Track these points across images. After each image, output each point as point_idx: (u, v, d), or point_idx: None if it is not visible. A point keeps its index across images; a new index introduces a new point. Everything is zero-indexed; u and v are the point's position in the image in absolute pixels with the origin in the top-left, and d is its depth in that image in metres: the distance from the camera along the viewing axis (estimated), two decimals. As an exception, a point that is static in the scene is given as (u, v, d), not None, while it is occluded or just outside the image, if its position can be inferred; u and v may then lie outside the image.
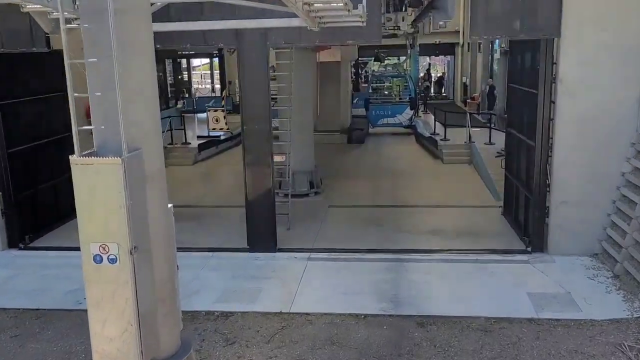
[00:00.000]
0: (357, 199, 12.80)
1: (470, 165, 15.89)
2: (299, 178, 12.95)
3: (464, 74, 30.48)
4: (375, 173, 15.54)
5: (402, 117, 21.34)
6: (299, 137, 12.76)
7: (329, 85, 20.78)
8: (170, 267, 4.81)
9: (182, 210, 12.96)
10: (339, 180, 14.70)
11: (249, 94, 8.95)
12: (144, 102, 4.37)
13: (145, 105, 4.40)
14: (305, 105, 12.92)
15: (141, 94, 4.34)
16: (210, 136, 19.09)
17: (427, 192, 13.30)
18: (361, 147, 19.53)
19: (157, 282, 4.57)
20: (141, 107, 4.35)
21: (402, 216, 11.44)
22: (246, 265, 8.98)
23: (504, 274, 8.34)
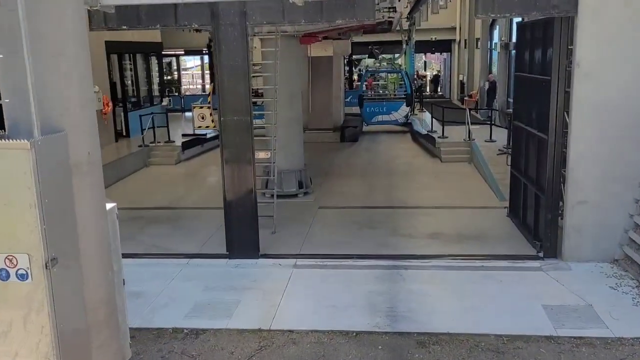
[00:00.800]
0: (350, 200, 11.83)
1: (470, 163, 14.95)
2: (286, 177, 11.97)
3: (461, 71, 29.59)
4: (370, 172, 14.58)
5: (398, 115, 20.38)
6: (287, 134, 11.79)
7: (321, 82, 19.84)
8: (108, 283, 3.81)
9: (158, 213, 12.04)
10: (330, 180, 13.72)
11: (227, 81, 7.96)
12: (66, 68, 3.38)
13: (68, 73, 3.40)
14: (293, 99, 11.94)
15: (62, 56, 3.34)
16: (195, 134, 18.06)
17: (425, 192, 12.34)
18: (355, 146, 18.56)
19: (89, 303, 3.58)
20: (62, 75, 3.36)
21: (399, 218, 10.48)
22: (224, 274, 7.98)
23: (514, 283, 7.37)
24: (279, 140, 11.39)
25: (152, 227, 10.37)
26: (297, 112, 12.08)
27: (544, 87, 8.04)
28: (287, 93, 11.58)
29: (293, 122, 11.94)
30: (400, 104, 20.38)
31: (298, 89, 12.28)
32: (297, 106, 12.08)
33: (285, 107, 11.54)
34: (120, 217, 5.94)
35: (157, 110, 20.64)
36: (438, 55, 35.75)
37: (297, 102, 12.11)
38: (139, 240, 9.55)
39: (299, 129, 12.23)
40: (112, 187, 13.65)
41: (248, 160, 8.16)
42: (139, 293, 7.33)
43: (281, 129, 11.48)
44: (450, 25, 29.99)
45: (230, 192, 8.27)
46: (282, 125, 11.48)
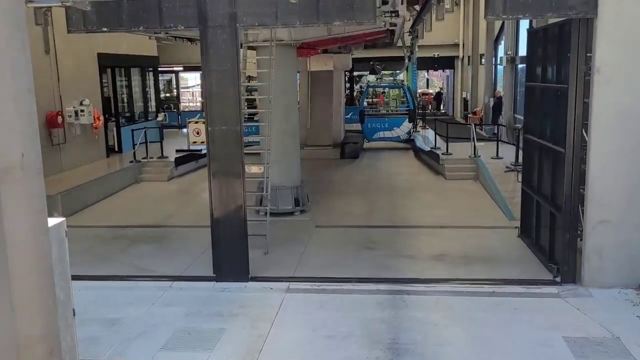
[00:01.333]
0: (349, 219, 11.15)
1: (476, 181, 14.30)
2: (282, 194, 11.32)
3: (464, 88, 29.11)
4: (370, 190, 13.92)
5: (400, 131, 19.79)
6: (282, 148, 11.18)
7: (320, 96, 19.33)
8: (48, 315, 3.13)
9: (144, 231, 11.32)
10: (329, 197, 13.06)
11: (215, 88, 7.36)
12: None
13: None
14: (289, 111, 11.34)
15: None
16: (190, 150, 17.46)
17: (429, 210, 11.66)
18: (355, 163, 17.94)
19: (22, 340, 2.90)
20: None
21: (401, 238, 9.80)
22: (209, 299, 7.28)
23: (530, 311, 6.66)
24: (274, 155, 10.78)
25: (135, 246, 9.70)
26: (293, 125, 11.48)
27: (559, 96, 7.42)
28: (283, 105, 10.98)
29: (289, 136, 11.32)
30: (403, 120, 19.81)
31: (294, 101, 11.70)
32: (293, 119, 11.49)
33: (280, 120, 10.95)
34: (103, 236, 5.42)
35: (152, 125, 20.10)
36: (441, 72, 35.36)
37: (294, 114, 11.52)
38: (119, 261, 8.88)
39: (295, 143, 11.62)
40: (99, 204, 13.02)
41: (237, 174, 7.52)
42: (114, 320, 6.64)
43: (276, 143, 10.88)
44: (453, 41, 29.61)
45: (218, 208, 7.61)
46: (277, 138, 10.88)
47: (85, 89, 15.47)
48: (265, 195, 9.46)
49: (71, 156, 14.68)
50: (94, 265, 8.71)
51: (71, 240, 10.33)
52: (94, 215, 12.17)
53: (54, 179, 13.32)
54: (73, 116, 14.71)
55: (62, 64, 14.29)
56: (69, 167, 14.47)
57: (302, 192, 11.65)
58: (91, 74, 16.04)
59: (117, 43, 16.99)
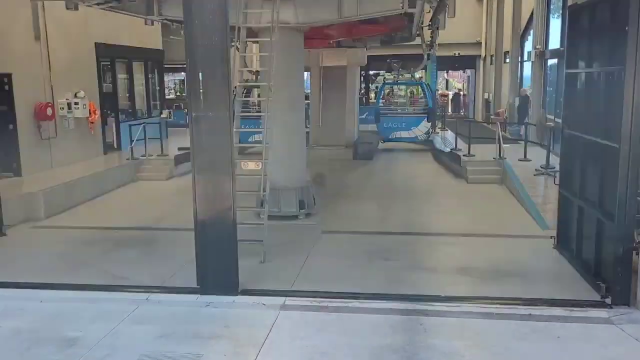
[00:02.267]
0: (360, 224, 10.02)
1: (501, 185, 13.07)
2: (285, 195, 10.21)
3: (487, 89, 27.83)
4: (385, 193, 12.77)
5: (418, 131, 18.61)
6: (286, 143, 10.10)
7: (333, 94, 18.23)
8: None
9: (131, 234, 10.18)
10: (339, 201, 11.93)
11: (200, 65, 6.28)
12: None
13: None
14: (295, 103, 10.24)
15: None
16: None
17: (450, 216, 10.48)
18: (369, 164, 16.78)
19: None
20: None
21: (419, 248, 8.64)
22: (189, 316, 6.19)
23: (577, 341, 5.46)
24: (276, 152, 9.71)
25: (119, 250, 8.67)
26: (299, 119, 10.37)
27: (611, 81, 6.23)
28: (287, 96, 9.91)
29: (294, 131, 10.23)
30: (421, 120, 18.63)
31: (301, 92, 10.59)
32: (299, 112, 10.38)
33: (284, 112, 9.87)
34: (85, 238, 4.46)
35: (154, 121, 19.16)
36: (461, 73, 34.08)
37: (300, 107, 10.41)
38: (96, 268, 7.83)
39: (301, 139, 10.51)
40: (88, 203, 12.06)
41: (226, 169, 6.43)
42: (73, 340, 5.58)
43: (279, 138, 9.81)
44: (474, 40, 28.38)
45: (203, 210, 6.51)
46: (280, 133, 9.81)
47: (81, 81, 14.56)
48: (263, 196, 8.35)
49: (63, 152, 13.75)
50: (67, 272, 7.70)
51: (48, 243, 9.31)
52: (81, 215, 11.18)
53: (42, 175, 12.42)
54: (66, 108, 13.80)
55: (55, 51, 13.38)
56: (61, 164, 13.53)
57: (308, 193, 10.53)
58: (88, 64, 15.12)
59: (118, 33, 16.06)
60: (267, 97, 8.25)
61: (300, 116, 10.44)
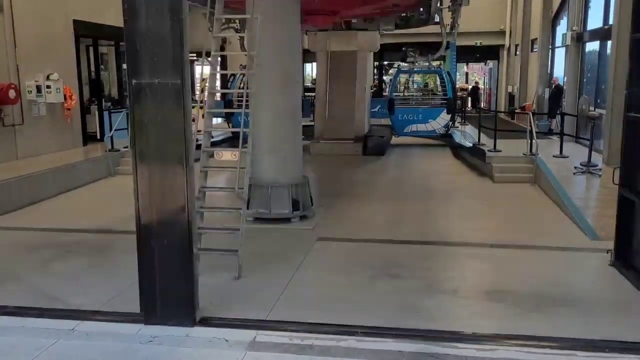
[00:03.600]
0: (365, 230, 8.35)
1: (533, 185, 11.31)
2: (276, 194, 8.59)
3: (510, 81, 25.97)
4: (397, 193, 11.10)
5: (437, 124, 16.89)
6: (277, 131, 8.52)
7: (341, 82, 16.57)
8: None
9: (86, 238, 8.32)
10: (343, 201, 10.27)
11: (144, 19, 4.66)
12: None
13: None
14: (288, 82, 8.60)
15: None
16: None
17: (474, 222, 8.76)
18: (380, 160, 15.09)
19: None
20: None
21: (437, 262, 6.97)
22: (122, 357, 4.57)
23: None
24: (265, 141, 8.13)
25: (63, 260, 7.09)
26: (293, 101, 8.72)
27: None
28: (279, 72, 8.31)
29: (286, 115, 8.59)
30: (440, 111, 16.89)
31: (296, 70, 8.92)
32: (293, 93, 8.73)
33: (274, 93, 8.28)
34: (29, 242, 2.90)
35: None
36: (482, 65, 32.21)
37: (294, 87, 8.75)
38: (25, 284, 6.26)
39: (295, 125, 8.86)
40: (51, 200, 10.51)
41: (177, 157, 4.80)
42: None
43: (269, 124, 8.23)
44: (498, 28, 26.54)
45: (146, 211, 4.90)
46: (269, 118, 8.23)
47: (55, 62, 13.02)
48: (238, 193, 6.73)
49: (31, 141, 12.24)
50: (-14, 287, 6.14)
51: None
52: (36, 214, 9.64)
53: (1, 167, 10.92)
54: (34, 92, 12.30)
55: (21, 26, 11.87)
56: (28, 154, 12.05)
57: (303, 191, 8.89)
58: (64, 44, 13.58)
59: (101, 11, 14.51)
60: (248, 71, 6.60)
61: (295, 98, 8.79)
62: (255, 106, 8.45)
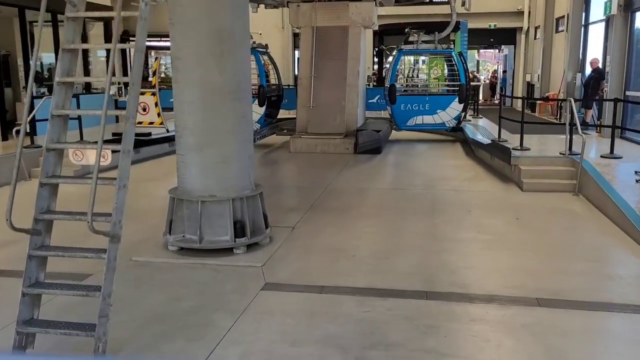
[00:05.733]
0: (340, 268, 5.66)
1: (577, 195, 8.61)
2: (210, 212, 5.94)
3: (529, 69, 23.19)
4: (393, 206, 8.36)
5: (446, 115, 14.19)
6: (209, 118, 5.85)
7: (330, 65, 13.90)
8: None
9: None
10: (318, 217, 7.60)
11: None
12: None
13: None
14: (225, 46, 5.87)
15: None
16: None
17: (503, 257, 6.04)
18: (375, 160, 12.37)
19: None
20: None
21: (449, 338, 4.26)
22: None
23: None
24: (191, 135, 5.50)
25: None
26: (235, 75, 5.98)
27: None
28: (208, 31, 5.65)
29: (225, 97, 5.88)
30: (451, 100, 14.17)
31: (238, 26, 6.11)
32: (235, 63, 5.98)
33: (204, 62, 5.64)
34: None
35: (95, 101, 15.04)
36: (495, 52, 29.37)
37: (236, 54, 5.99)
38: None
39: (239, 111, 6.10)
40: None
41: None
42: None
43: (196, 109, 5.60)
44: (515, 8, 23.72)
45: None
46: (197, 100, 5.60)
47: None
48: (91, 226, 4.06)
49: None
50: None
51: None
52: None
53: None
54: None
55: None
56: None
57: (253, 208, 6.21)
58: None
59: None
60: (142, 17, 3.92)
61: (239, 72, 6.05)
62: (178, 81, 5.80)
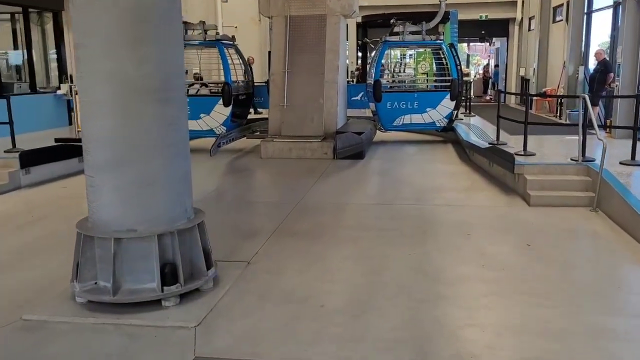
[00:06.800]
0: (304, 332, 4.20)
1: (595, 211, 7.26)
2: (129, 253, 4.48)
3: (523, 63, 21.96)
4: (375, 228, 6.91)
5: (437, 114, 12.82)
6: (126, 125, 4.39)
7: (305, 59, 12.45)
8: None
9: None
10: (282, 247, 6.17)
11: None
12: None
13: None
14: (144, 27, 4.41)
15: None
16: (75, 139, 10.79)
17: (518, 310, 4.62)
18: (357, 166, 10.95)
19: None
20: None
21: None
22: None
23: None
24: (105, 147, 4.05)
25: None
26: (157, 69, 4.48)
27: None
28: (121, 8, 4.19)
29: (144, 97, 4.41)
30: (442, 97, 12.79)
31: (161, 1, 4.64)
32: (156, 52, 4.47)
33: (114, 51, 4.17)
34: None
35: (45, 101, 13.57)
36: (486, 46, 28.12)
37: (157, 39, 4.49)
38: None
39: (163, 114, 4.60)
40: None
41: None
42: None
43: (108, 113, 4.16)
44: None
45: None
46: (109, 101, 4.13)
47: None
48: None
49: None
50: None
51: None
52: None
53: None
54: None
55: None
56: None
57: (189, 245, 4.75)
58: None
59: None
60: None
61: (167, 63, 4.57)
62: (83, 76, 4.36)
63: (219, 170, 10.76)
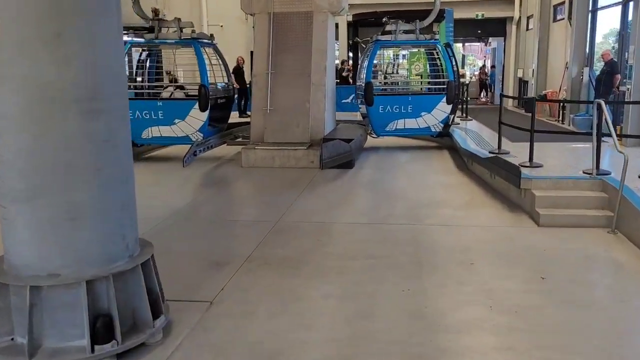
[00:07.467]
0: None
1: (614, 233, 6.42)
2: (52, 304, 3.57)
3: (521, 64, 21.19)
4: (366, 257, 6.00)
5: (432, 118, 11.99)
6: (43, 145, 3.45)
7: (290, 59, 11.58)
8: None
9: None
10: (254, 280, 5.28)
11: None
12: None
13: None
14: (63, 24, 3.52)
15: None
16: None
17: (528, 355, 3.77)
18: (345, 177, 10.07)
19: None
20: None
21: None
22: None
23: None
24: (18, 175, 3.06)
25: None
26: (82, 73, 3.58)
27: None
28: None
29: (66, 107, 3.51)
30: (437, 100, 11.95)
31: None
32: (80, 52, 3.58)
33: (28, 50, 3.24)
34: None
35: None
36: (482, 46, 27.34)
37: (81, 35, 3.58)
38: None
39: (92, 129, 3.69)
40: None
41: None
42: None
43: (21, 128, 3.23)
44: (506, -5, 21.72)
45: None
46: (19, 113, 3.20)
47: None
48: None
49: None
50: None
51: None
52: None
53: None
54: None
55: None
56: None
57: (130, 291, 3.85)
58: None
59: None
60: None
61: (97, 65, 3.67)
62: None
63: (193, 182, 9.82)
